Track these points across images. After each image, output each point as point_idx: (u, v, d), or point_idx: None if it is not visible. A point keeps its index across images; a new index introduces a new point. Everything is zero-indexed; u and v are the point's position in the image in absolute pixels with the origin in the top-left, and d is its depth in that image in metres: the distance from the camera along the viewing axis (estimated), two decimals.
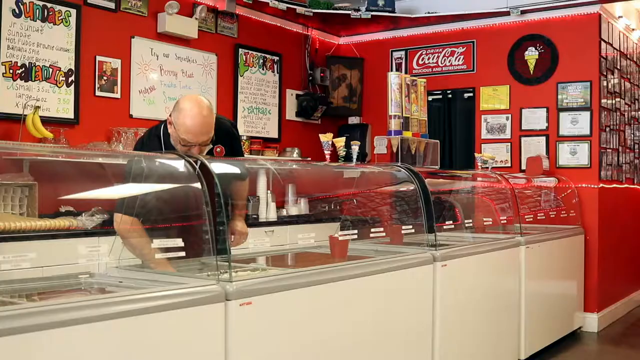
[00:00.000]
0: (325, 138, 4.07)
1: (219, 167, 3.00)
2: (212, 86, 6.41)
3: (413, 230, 4.18)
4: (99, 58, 5.43)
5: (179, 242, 2.73)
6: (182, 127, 3.19)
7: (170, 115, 3.29)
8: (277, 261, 3.96)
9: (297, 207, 6.24)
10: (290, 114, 7.31)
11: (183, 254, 2.73)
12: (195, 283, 2.66)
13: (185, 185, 3.02)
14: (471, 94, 7.25)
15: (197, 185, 2.83)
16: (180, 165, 2.94)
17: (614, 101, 7.08)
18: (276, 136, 7.12)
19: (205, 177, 2.83)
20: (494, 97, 7.10)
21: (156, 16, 5.87)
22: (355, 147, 4.22)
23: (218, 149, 3.43)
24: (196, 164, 2.86)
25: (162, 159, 3.12)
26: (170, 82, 6.00)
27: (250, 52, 6.82)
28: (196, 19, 6.13)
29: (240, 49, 6.70)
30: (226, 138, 3.55)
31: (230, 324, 2.64)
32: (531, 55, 6.93)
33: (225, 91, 6.57)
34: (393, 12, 7.05)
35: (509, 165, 6.98)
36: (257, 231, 5.30)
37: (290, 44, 7.34)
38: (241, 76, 6.70)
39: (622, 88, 7.37)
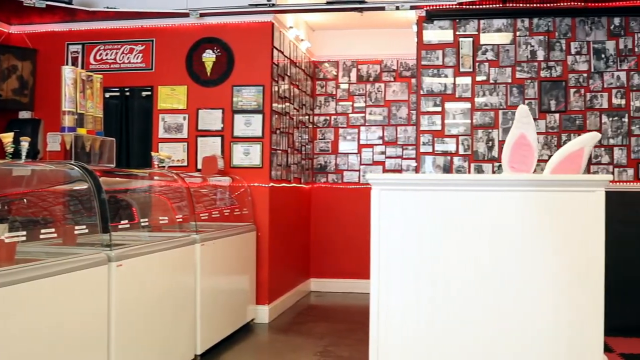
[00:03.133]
0: None
1: None
2: None
3: (87, 231, 4.09)
4: None
5: None
6: None
7: None
8: None
9: None
10: None
11: None
12: None
13: None
14: (149, 93, 7.25)
15: None
16: None
17: (284, 105, 7.55)
18: None
19: None
20: (172, 97, 7.18)
21: None
22: (25, 144, 4.02)
23: None
24: None
25: None
26: None
27: None
28: None
29: None
30: None
31: None
32: (208, 57, 7.12)
33: None
34: (70, 3, 6.79)
35: (186, 164, 7.11)
36: None
37: None
38: None
39: (292, 94, 7.89)
